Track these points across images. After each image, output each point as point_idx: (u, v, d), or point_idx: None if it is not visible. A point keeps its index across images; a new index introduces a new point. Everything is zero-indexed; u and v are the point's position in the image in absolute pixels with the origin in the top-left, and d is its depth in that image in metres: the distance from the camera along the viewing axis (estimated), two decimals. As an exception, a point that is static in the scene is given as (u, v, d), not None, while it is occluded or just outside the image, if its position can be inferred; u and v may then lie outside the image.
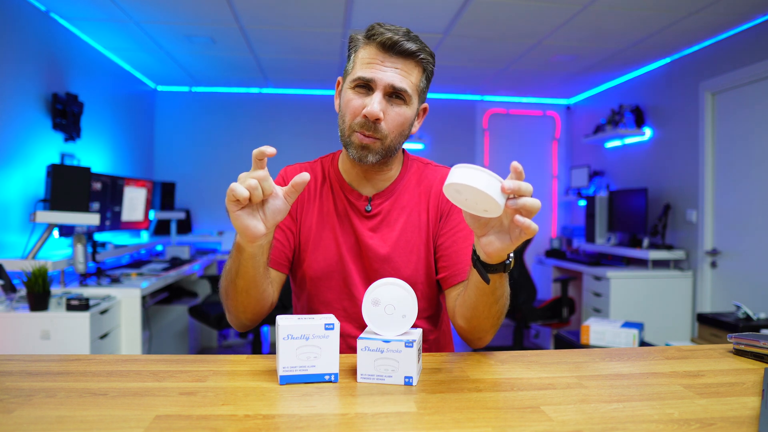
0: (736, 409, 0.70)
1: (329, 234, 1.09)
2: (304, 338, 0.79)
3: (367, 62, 0.98)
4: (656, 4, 2.96)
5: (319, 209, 1.10)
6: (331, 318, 0.81)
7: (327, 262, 1.08)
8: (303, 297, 1.14)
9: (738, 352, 0.96)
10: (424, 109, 1.10)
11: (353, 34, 1.04)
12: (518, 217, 0.73)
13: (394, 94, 0.99)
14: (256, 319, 1.03)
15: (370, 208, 1.09)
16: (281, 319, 0.80)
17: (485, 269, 0.84)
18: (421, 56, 1.00)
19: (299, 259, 1.11)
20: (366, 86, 0.98)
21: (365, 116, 0.97)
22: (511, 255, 0.86)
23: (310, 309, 1.12)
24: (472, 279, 0.90)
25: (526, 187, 0.73)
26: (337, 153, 1.15)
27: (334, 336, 0.80)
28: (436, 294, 1.13)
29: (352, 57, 1.03)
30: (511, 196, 0.74)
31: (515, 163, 0.73)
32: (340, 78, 1.08)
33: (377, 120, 0.97)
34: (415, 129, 1.09)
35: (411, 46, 0.97)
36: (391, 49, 0.97)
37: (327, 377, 0.80)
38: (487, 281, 0.85)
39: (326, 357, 0.79)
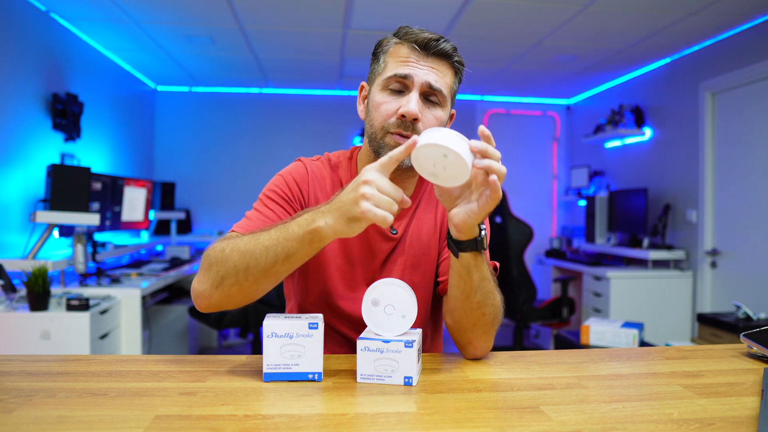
0: (735, 409, 0.70)
1: (340, 247, 1.02)
2: (288, 337, 0.79)
3: (402, 60, 0.93)
4: (656, 4, 2.96)
5: None
6: (316, 317, 0.82)
7: (338, 275, 1.02)
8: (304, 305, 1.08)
9: (751, 356, 0.95)
10: (452, 116, 1.04)
11: (383, 39, 0.99)
12: (491, 177, 0.73)
13: (430, 97, 0.94)
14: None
15: (396, 231, 1.03)
16: (269, 318, 0.81)
17: (457, 246, 0.84)
18: (456, 59, 0.96)
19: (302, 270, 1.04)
20: (399, 87, 0.94)
21: (402, 116, 0.91)
22: (483, 231, 0.84)
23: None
24: (452, 265, 0.88)
25: (493, 150, 0.74)
26: (353, 158, 1.08)
27: (318, 335, 0.80)
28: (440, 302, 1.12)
29: (381, 58, 0.97)
30: (478, 157, 0.75)
31: (482, 127, 0.74)
32: (363, 83, 1.04)
33: (415, 120, 0.92)
34: None
35: (447, 46, 0.94)
36: (428, 48, 0.93)
37: (311, 376, 0.80)
38: (456, 254, 0.84)
39: (310, 356, 0.80)
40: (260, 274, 0.82)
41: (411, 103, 0.91)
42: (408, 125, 0.92)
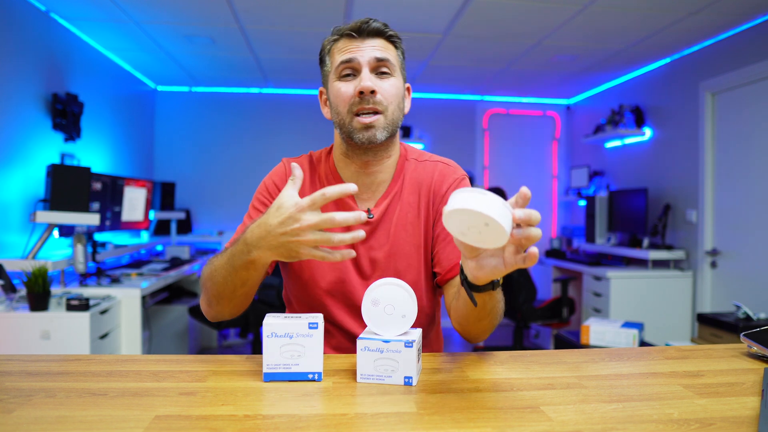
0: (735, 409, 0.70)
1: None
2: (288, 336, 0.79)
3: (342, 50, 1.01)
4: (656, 4, 2.96)
5: None
6: (315, 317, 0.82)
7: (323, 263, 1.05)
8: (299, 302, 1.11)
9: (751, 356, 0.95)
10: (409, 89, 1.11)
11: (323, 42, 1.06)
12: (532, 249, 0.68)
13: (380, 70, 1.01)
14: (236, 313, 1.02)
15: (372, 215, 1.06)
16: (269, 317, 0.81)
17: (473, 289, 0.80)
18: (389, 33, 1.03)
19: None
20: (351, 72, 1.00)
21: (359, 94, 0.98)
22: None
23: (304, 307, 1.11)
24: (462, 293, 0.88)
25: (536, 216, 0.67)
26: (331, 152, 1.12)
27: (318, 335, 0.80)
28: (436, 292, 1.12)
29: (327, 58, 1.05)
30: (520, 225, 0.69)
31: (525, 189, 0.67)
32: (321, 88, 1.09)
33: (373, 93, 0.98)
34: (407, 108, 1.09)
35: (377, 24, 1.01)
36: (361, 32, 1.00)
37: (311, 376, 0.80)
38: (475, 304, 0.81)
39: (310, 356, 0.80)
40: (229, 298, 0.93)
41: (364, 79, 0.97)
42: (368, 99, 0.98)
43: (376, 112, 0.99)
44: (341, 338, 1.08)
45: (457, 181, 1.09)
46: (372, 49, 1.00)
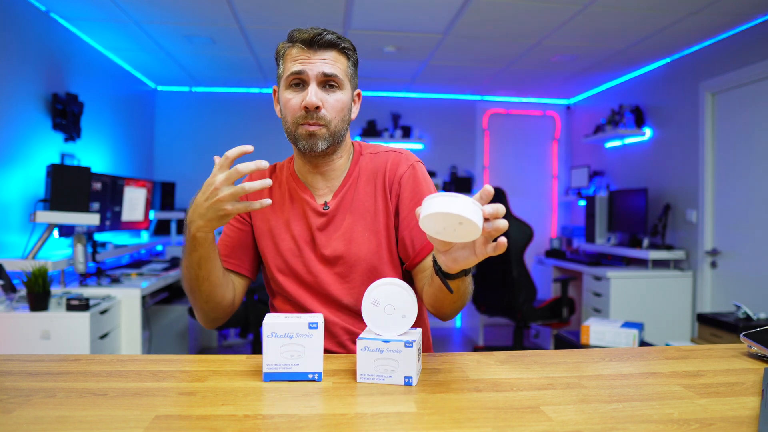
0: (735, 409, 0.70)
1: (282, 225, 1.13)
2: (288, 336, 0.80)
3: (295, 59, 1.05)
4: (656, 4, 2.96)
5: (272, 203, 1.13)
6: (316, 317, 0.82)
7: (288, 253, 1.11)
8: (277, 298, 1.17)
9: (751, 356, 0.95)
10: (359, 95, 1.16)
11: (279, 45, 1.11)
12: (502, 239, 0.74)
13: (327, 83, 1.05)
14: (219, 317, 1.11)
15: (328, 207, 1.12)
16: (269, 317, 0.81)
17: (447, 278, 0.84)
18: (342, 45, 1.07)
19: (262, 254, 1.15)
20: (300, 83, 1.05)
21: (305, 108, 1.03)
22: None
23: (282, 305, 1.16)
24: (436, 281, 0.91)
25: (502, 209, 0.74)
26: (293, 158, 1.19)
27: (318, 335, 0.80)
28: (408, 279, 1.14)
29: (280, 62, 1.10)
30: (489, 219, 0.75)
31: (488, 187, 0.74)
32: (275, 86, 1.15)
33: (317, 108, 1.03)
34: (354, 114, 1.14)
35: (331, 37, 1.05)
36: (314, 44, 1.04)
37: (311, 376, 0.80)
38: (451, 291, 0.86)
39: (310, 356, 0.80)
40: (198, 292, 1.03)
41: (309, 94, 1.02)
42: (312, 114, 1.03)
43: (319, 124, 1.04)
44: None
45: (410, 167, 1.13)
46: (322, 62, 1.04)
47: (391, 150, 1.17)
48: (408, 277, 1.14)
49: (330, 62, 1.04)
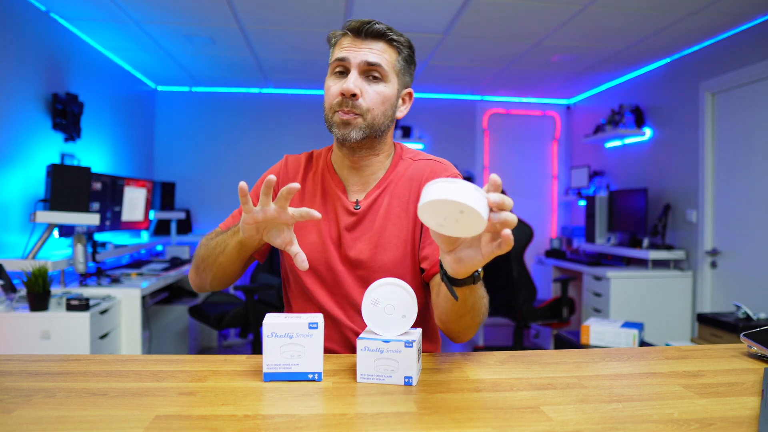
0: (735, 409, 0.70)
1: (313, 223, 1.10)
2: (288, 336, 0.80)
3: (342, 47, 1.04)
4: (656, 4, 2.96)
5: (302, 193, 1.13)
6: (315, 317, 0.82)
7: (311, 247, 1.08)
8: (293, 289, 1.15)
9: (751, 356, 0.95)
10: (410, 95, 1.12)
11: (330, 33, 1.10)
12: (506, 231, 0.67)
13: (371, 74, 1.03)
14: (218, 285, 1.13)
15: (359, 206, 1.09)
16: (269, 317, 0.81)
17: (453, 284, 0.80)
18: (391, 36, 1.04)
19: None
20: (343, 70, 1.03)
21: (342, 94, 1.01)
22: (480, 267, 0.81)
23: (297, 301, 1.14)
24: (443, 289, 0.87)
25: (509, 200, 0.68)
26: (332, 146, 1.17)
27: (318, 335, 0.80)
28: (426, 290, 1.12)
29: (330, 51, 1.09)
30: (495, 210, 0.69)
31: (494, 176, 0.69)
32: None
33: (354, 96, 1.01)
34: (400, 114, 1.11)
35: (380, 27, 1.03)
36: (362, 32, 1.03)
37: (311, 376, 0.80)
38: (456, 298, 0.81)
39: (310, 356, 0.80)
40: (215, 261, 1.05)
41: (348, 81, 1.01)
42: (348, 102, 1.01)
43: (354, 113, 1.02)
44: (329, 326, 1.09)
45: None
46: (368, 51, 1.02)
47: (432, 159, 1.14)
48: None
49: (376, 52, 1.02)
